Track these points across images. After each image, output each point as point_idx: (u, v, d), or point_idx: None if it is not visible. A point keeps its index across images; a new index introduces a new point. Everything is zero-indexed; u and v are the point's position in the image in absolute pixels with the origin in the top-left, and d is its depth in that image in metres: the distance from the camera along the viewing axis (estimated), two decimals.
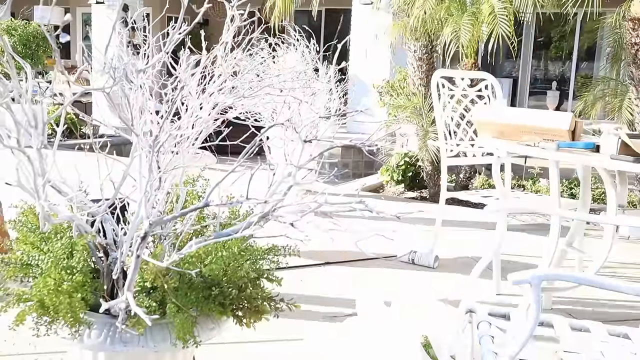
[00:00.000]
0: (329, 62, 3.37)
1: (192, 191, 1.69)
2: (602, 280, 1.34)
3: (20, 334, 2.42)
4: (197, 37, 1.59)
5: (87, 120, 3.31)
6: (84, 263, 1.40)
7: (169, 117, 1.33)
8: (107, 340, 1.37)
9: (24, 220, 1.56)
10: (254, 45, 1.79)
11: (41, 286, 1.33)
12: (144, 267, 1.36)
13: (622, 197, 4.01)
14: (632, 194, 5.57)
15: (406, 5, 6.07)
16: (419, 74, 6.43)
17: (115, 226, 1.42)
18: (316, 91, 3.68)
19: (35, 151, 1.22)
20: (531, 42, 11.52)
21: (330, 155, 7.97)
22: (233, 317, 1.48)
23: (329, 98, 3.92)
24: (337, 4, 12.41)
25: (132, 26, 1.65)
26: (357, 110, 1.55)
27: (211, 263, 1.41)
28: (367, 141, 1.47)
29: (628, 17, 5.27)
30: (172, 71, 1.45)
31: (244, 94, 1.51)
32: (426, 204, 5.66)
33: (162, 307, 1.37)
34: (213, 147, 1.50)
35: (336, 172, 7.77)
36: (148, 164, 1.32)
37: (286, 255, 1.58)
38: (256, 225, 1.38)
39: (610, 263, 3.77)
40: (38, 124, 1.22)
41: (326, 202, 1.28)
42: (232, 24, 1.39)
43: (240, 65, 1.59)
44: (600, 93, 7.12)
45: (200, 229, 1.57)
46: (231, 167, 1.33)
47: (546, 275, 1.31)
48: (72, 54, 14.99)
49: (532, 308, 1.31)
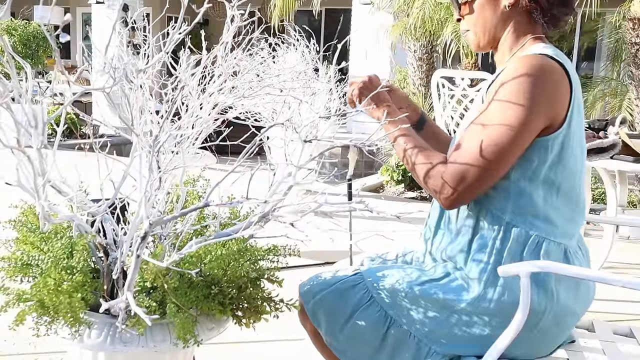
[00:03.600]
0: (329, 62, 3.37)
1: (193, 191, 1.70)
2: (589, 273, 1.33)
3: (20, 334, 2.43)
4: (197, 37, 1.59)
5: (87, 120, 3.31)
6: (84, 263, 1.40)
7: (169, 117, 1.33)
8: (107, 340, 1.37)
9: (24, 220, 1.56)
10: (254, 45, 1.79)
11: (41, 286, 1.33)
12: (144, 267, 1.36)
13: (622, 197, 4.02)
14: (632, 194, 5.57)
15: (406, 5, 6.08)
16: (419, 74, 6.44)
17: (115, 226, 1.42)
18: (316, 91, 3.69)
19: (35, 151, 1.22)
20: None
21: (330, 155, 7.98)
22: (233, 317, 1.48)
23: (329, 98, 3.92)
24: (337, 4, 12.42)
25: (132, 26, 1.65)
26: (357, 110, 1.55)
27: (211, 262, 1.41)
28: (367, 141, 1.47)
29: (628, 17, 5.27)
30: (172, 71, 1.45)
31: (244, 94, 1.51)
32: (426, 204, 5.66)
33: (162, 307, 1.37)
34: (213, 147, 1.50)
35: (336, 172, 7.78)
36: (148, 164, 1.32)
37: (286, 256, 1.58)
38: (256, 225, 1.38)
39: (611, 263, 3.77)
40: (38, 124, 1.22)
41: (326, 202, 1.28)
42: (232, 24, 1.39)
43: (241, 65, 1.59)
44: (600, 93, 7.13)
45: (200, 229, 1.57)
46: (231, 167, 1.33)
47: (536, 267, 1.30)
48: (72, 54, 15.01)
49: (521, 300, 1.31)
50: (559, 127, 1.38)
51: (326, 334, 1.56)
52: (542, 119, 1.35)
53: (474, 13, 1.52)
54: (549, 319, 1.42)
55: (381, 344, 1.49)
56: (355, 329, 1.50)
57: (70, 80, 1.20)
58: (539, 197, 1.42)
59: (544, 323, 1.42)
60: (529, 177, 1.41)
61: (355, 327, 1.50)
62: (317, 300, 1.56)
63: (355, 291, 1.52)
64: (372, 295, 1.51)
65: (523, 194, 1.42)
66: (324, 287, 1.56)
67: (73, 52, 14.93)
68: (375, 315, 1.49)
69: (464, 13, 1.55)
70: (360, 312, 1.50)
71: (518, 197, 1.42)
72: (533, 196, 1.42)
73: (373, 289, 1.51)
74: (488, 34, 1.51)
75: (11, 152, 1.18)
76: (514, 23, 1.48)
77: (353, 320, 1.51)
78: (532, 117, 1.33)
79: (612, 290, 3.17)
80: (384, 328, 1.49)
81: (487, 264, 1.43)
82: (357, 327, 1.50)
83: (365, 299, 1.51)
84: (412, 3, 5.80)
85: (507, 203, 1.43)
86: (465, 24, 1.56)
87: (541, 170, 1.40)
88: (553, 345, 1.51)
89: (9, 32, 8.72)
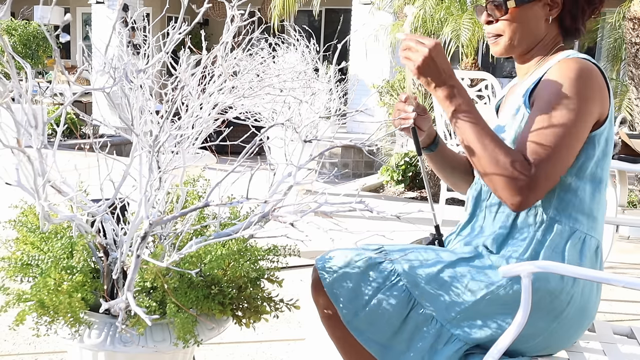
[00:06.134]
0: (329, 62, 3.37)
1: (193, 191, 1.70)
2: (590, 273, 1.33)
3: (20, 334, 2.43)
4: (197, 37, 1.59)
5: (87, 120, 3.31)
6: (84, 263, 1.40)
7: (169, 117, 1.33)
8: (107, 340, 1.37)
9: (24, 220, 1.56)
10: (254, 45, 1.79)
11: (41, 286, 1.33)
12: (144, 267, 1.36)
13: (622, 197, 4.02)
14: (632, 194, 5.57)
15: (406, 5, 6.08)
16: None
17: (115, 226, 1.42)
18: (316, 91, 3.69)
19: (35, 151, 1.22)
20: None
21: (330, 155, 7.98)
22: (233, 317, 1.48)
23: (329, 98, 3.92)
24: (337, 4, 12.42)
25: (132, 26, 1.65)
26: (357, 110, 1.55)
27: (211, 262, 1.41)
28: (367, 141, 1.47)
29: (628, 17, 5.27)
30: (172, 71, 1.45)
31: (244, 94, 1.51)
32: (426, 204, 5.66)
33: (162, 307, 1.37)
34: (213, 147, 1.50)
35: (336, 172, 7.77)
36: (148, 164, 1.32)
37: (286, 256, 1.58)
38: (256, 225, 1.38)
39: (611, 263, 3.77)
40: (38, 124, 1.22)
41: (326, 202, 1.28)
42: (232, 24, 1.39)
43: (241, 65, 1.59)
44: None
45: (200, 229, 1.57)
46: (231, 167, 1.33)
47: (537, 267, 1.30)
48: (72, 54, 15.01)
49: (522, 301, 1.31)
50: (603, 123, 1.44)
51: (346, 311, 1.51)
52: (594, 115, 1.41)
53: (515, 19, 1.50)
54: (573, 309, 1.43)
55: (401, 325, 1.47)
56: (377, 308, 1.48)
57: (70, 80, 1.20)
58: (585, 192, 1.45)
59: (568, 313, 1.43)
60: (575, 173, 1.44)
61: (377, 306, 1.47)
62: (339, 275, 1.51)
63: (380, 269, 1.49)
64: (397, 274, 1.48)
65: (569, 190, 1.45)
66: (347, 263, 1.51)
67: (73, 52, 14.93)
68: (400, 295, 1.46)
69: (500, 17, 1.51)
70: (385, 290, 1.47)
71: (564, 193, 1.45)
72: (578, 192, 1.45)
73: (399, 267, 1.48)
74: (526, 42, 1.53)
75: (11, 152, 1.18)
76: (548, 34, 1.53)
77: (376, 298, 1.47)
78: (587, 113, 1.39)
79: (613, 290, 3.17)
80: (407, 309, 1.47)
81: (524, 251, 1.44)
82: (379, 306, 1.47)
83: (391, 277, 1.48)
84: (412, 2, 5.79)
85: (552, 199, 1.45)
86: (497, 28, 1.53)
87: (588, 166, 1.44)
88: (571, 340, 1.50)
89: (9, 32, 8.72)
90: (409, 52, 1.42)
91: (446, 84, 1.41)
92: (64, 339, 1.39)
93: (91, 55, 2.06)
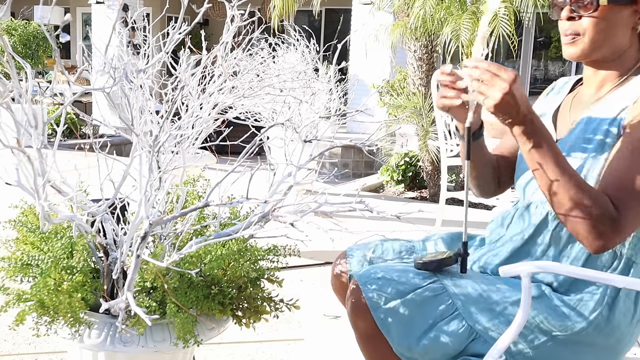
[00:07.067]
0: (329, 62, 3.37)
1: (193, 191, 1.70)
2: (590, 273, 1.33)
3: (20, 334, 2.43)
4: (197, 37, 1.59)
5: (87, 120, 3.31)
6: (84, 263, 1.41)
7: (169, 117, 1.33)
8: (107, 340, 1.37)
9: (24, 220, 1.56)
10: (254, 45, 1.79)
11: (41, 286, 1.33)
12: (144, 267, 1.36)
13: None
14: None
15: (406, 5, 6.07)
16: (419, 74, 6.43)
17: (115, 226, 1.42)
18: (316, 91, 3.69)
19: (35, 151, 1.22)
20: (531, 42, 11.53)
21: (330, 155, 7.98)
22: (233, 317, 1.48)
23: (329, 98, 3.92)
24: (337, 4, 12.42)
25: (132, 26, 1.65)
26: (357, 110, 1.54)
27: (211, 262, 1.41)
28: (367, 141, 1.47)
29: None
30: (172, 71, 1.45)
31: (244, 94, 1.51)
32: (426, 204, 5.67)
33: (162, 307, 1.37)
34: (213, 147, 1.50)
35: (336, 172, 7.77)
36: (148, 164, 1.32)
37: (286, 256, 1.58)
38: (256, 225, 1.38)
39: None
40: (38, 124, 1.22)
41: (326, 202, 1.28)
42: (232, 24, 1.40)
43: (240, 65, 1.59)
44: None
45: (200, 229, 1.57)
46: (231, 167, 1.33)
47: (537, 267, 1.30)
48: (72, 54, 15.01)
49: (522, 300, 1.30)
50: None
51: (399, 345, 1.41)
52: None
53: (604, 18, 1.34)
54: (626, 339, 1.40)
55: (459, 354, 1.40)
56: (434, 341, 1.38)
57: (70, 80, 1.20)
58: None
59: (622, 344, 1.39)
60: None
61: (434, 339, 1.38)
62: (391, 308, 1.40)
63: (438, 302, 1.40)
64: (456, 308, 1.39)
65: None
66: (399, 295, 1.40)
67: (73, 52, 14.93)
68: (460, 329, 1.38)
69: (586, 13, 1.35)
70: (442, 323, 1.39)
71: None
72: None
73: (458, 301, 1.40)
74: (607, 48, 1.38)
75: (11, 152, 1.18)
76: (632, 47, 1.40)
77: (433, 331, 1.39)
78: None
79: None
80: (467, 341, 1.39)
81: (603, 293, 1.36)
82: (437, 339, 1.38)
83: (449, 311, 1.40)
84: (412, 3, 5.79)
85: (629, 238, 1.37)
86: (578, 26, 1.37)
87: None
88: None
89: (9, 32, 8.71)
90: (484, 86, 1.23)
91: (526, 119, 1.25)
92: (64, 339, 1.39)
93: (91, 55, 2.06)
